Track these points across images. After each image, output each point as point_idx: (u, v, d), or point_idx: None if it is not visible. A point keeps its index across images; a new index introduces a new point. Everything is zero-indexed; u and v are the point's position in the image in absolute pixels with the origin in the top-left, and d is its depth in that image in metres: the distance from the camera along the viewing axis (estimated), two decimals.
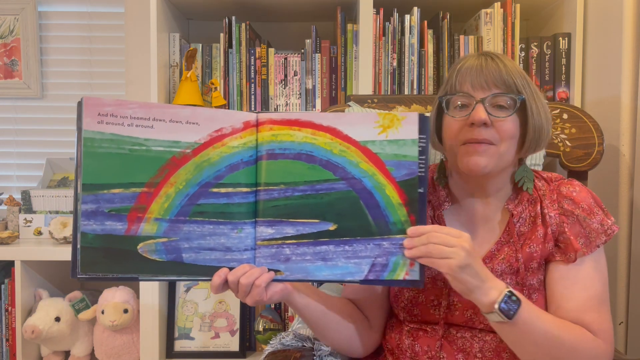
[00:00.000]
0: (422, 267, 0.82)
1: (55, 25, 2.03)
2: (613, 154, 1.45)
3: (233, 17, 1.69)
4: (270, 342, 0.99)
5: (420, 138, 0.82)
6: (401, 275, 0.82)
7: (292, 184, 0.83)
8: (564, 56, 1.65)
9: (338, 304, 0.97)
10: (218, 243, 0.82)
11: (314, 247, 0.83)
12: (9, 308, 1.72)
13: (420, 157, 0.83)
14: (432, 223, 0.97)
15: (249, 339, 1.77)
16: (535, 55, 1.66)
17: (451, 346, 0.92)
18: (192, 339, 1.73)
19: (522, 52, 1.66)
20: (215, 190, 0.82)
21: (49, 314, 1.66)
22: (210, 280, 0.82)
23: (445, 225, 0.96)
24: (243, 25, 1.69)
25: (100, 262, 0.80)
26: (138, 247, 0.80)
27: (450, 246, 0.78)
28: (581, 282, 0.89)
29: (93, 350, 1.75)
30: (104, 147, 0.79)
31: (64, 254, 1.69)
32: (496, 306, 0.79)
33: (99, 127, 0.79)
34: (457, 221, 0.97)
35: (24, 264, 1.68)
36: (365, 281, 0.83)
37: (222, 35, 1.70)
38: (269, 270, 0.83)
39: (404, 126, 0.82)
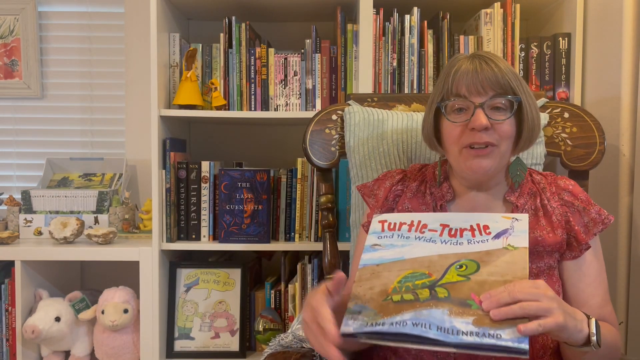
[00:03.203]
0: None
1: (55, 25, 2.03)
2: (613, 153, 1.44)
3: (233, 17, 1.69)
4: (270, 343, 0.99)
5: None
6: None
7: None
8: (564, 56, 1.64)
9: None
10: None
11: None
12: (9, 308, 1.72)
13: None
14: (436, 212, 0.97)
15: (249, 339, 1.77)
16: (535, 55, 1.66)
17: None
18: (192, 339, 1.73)
19: (522, 52, 1.66)
20: None
21: (48, 313, 1.65)
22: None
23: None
24: (243, 25, 1.69)
25: None
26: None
27: (534, 299, 0.71)
28: (594, 275, 0.94)
29: (93, 350, 1.75)
30: None
31: (64, 254, 1.69)
32: (594, 339, 0.76)
33: None
34: (460, 211, 0.98)
35: (24, 264, 1.68)
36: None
37: (222, 35, 1.70)
38: None
39: None
